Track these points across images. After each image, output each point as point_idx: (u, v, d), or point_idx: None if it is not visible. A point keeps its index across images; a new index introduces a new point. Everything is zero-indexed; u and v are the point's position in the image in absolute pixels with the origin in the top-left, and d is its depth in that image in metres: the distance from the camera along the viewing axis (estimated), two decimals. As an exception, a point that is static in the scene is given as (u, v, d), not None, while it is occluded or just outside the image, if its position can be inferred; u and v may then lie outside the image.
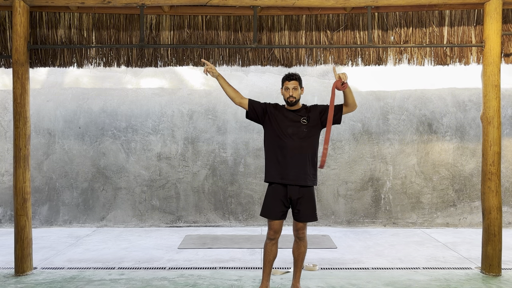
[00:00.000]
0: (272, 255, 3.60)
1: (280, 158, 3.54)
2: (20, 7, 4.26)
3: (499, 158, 4.23)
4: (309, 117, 3.61)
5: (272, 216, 3.53)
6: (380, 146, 6.47)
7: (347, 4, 4.34)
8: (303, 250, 3.63)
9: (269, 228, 3.58)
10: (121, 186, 6.47)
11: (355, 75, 6.50)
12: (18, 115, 4.28)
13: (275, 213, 3.52)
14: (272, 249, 3.59)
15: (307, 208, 3.53)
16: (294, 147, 3.52)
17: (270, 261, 3.61)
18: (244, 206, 6.48)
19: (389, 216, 6.44)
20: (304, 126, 3.57)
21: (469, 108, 6.47)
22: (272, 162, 3.59)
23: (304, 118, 3.59)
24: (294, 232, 3.61)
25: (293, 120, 3.59)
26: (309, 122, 3.59)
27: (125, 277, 4.16)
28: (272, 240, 3.58)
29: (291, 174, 3.50)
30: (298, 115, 3.62)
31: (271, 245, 3.59)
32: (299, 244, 3.62)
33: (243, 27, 4.64)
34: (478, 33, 4.54)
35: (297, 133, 3.55)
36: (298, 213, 3.53)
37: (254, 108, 3.72)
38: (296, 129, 3.56)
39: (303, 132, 3.56)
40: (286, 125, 3.58)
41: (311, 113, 3.64)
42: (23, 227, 4.28)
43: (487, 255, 4.25)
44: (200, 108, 6.50)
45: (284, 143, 3.54)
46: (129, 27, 4.63)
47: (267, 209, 3.56)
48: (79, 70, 6.33)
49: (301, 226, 3.57)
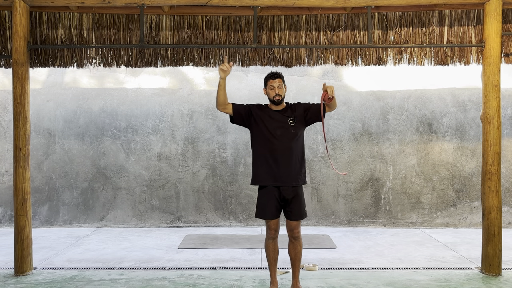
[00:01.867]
0: (276, 253, 3.67)
1: (270, 160, 3.55)
2: (20, 7, 4.25)
3: (499, 158, 4.23)
4: (295, 117, 3.61)
5: (269, 216, 3.57)
6: (380, 146, 6.47)
7: (347, 4, 4.33)
8: (299, 249, 3.65)
9: (268, 229, 3.61)
10: (121, 186, 6.47)
11: (355, 75, 6.51)
12: (18, 115, 4.28)
13: (271, 213, 3.56)
14: (275, 248, 3.66)
15: (298, 206, 3.57)
16: (284, 148, 3.54)
17: (275, 260, 3.67)
18: (244, 206, 6.48)
19: (389, 216, 6.44)
20: (291, 127, 3.58)
21: (469, 108, 6.47)
22: (263, 164, 3.59)
23: (291, 119, 3.60)
24: (288, 232, 3.63)
25: (280, 121, 3.59)
26: (295, 123, 3.60)
27: (125, 277, 4.16)
28: (273, 239, 3.63)
29: (283, 175, 3.53)
30: (285, 116, 3.61)
31: (273, 244, 3.64)
32: (295, 244, 3.64)
33: (243, 27, 4.64)
34: (478, 33, 4.54)
35: (285, 134, 3.56)
36: (290, 212, 3.57)
37: (239, 112, 3.67)
38: (285, 130, 3.56)
39: (291, 133, 3.57)
40: (274, 126, 3.57)
41: (296, 112, 3.63)
42: (23, 227, 4.28)
43: (487, 255, 4.25)
44: (200, 108, 6.50)
45: (274, 145, 3.55)
46: (129, 27, 4.63)
47: (263, 210, 3.59)
48: (79, 70, 6.33)
49: (295, 225, 3.59)
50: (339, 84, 6.49)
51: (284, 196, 3.55)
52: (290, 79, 6.52)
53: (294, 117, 3.61)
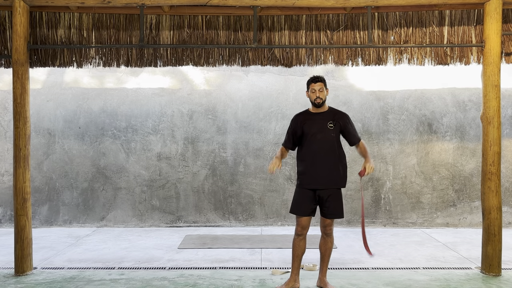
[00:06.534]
0: (300, 250, 3.73)
1: (309, 163, 3.66)
2: (20, 7, 4.25)
3: (499, 158, 4.23)
4: (335, 121, 3.71)
5: (301, 213, 3.67)
6: (380, 146, 6.47)
7: (347, 4, 4.33)
8: (330, 246, 3.77)
9: (297, 224, 3.70)
10: (121, 186, 6.47)
11: (355, 75, 6.51)
12: (18, 115, 4.28)
13: (304, 210, 3.66)
14: (300, 244, 3.72)
15: (335, 206, 3.65)
16: (323, 152, 3.64)
17: (298, 256, 3.73)
18: (244, 206, 6.48)
19: (389, 216, 6.44)
20: (331, 130, 3.68)
21: (469, 108, 6.47)
22: (303, 167, 3.70)
23: (331, 122, 3.70)
24: (321, 228, 3.74)
25: (320, 125, 3.69)
26: (335, 127, 3.70)
27: (125, 277, 4.16)
28: (300, 236, 3.70)
29: (321, 179, 3.62)
30: (325, 119, 3.71)
31: (299, 241, 3.71)
32: (326, 240, 3.75)
33: (243, 27, 4.64)
34: (478, 33, 4.54)
35: (325, 138, 3.66)
36: (326, 210, 3.66)
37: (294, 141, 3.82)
38: (324, 134, 3.67)
39: (331, 136, 3.67)
40: (314, 131, 3.69)
41: (337, 119, 3.73)
42: (23, 227, 4.28)
43: (487, 255, 4.24)
44: (200, 108, 6.50)
45: (314, 148, 3.66)
46: (129, 27, 4.63)
47: (296, 206, 3.69)
48: (79, 70, 6.33)
49: (329, 222, 3.70)
50: (339, 84, 6.49)
51: (319, 195, 3.65)
52: (290, 79, 6.52)
53: (335, 121, 3.71)
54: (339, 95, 6.48)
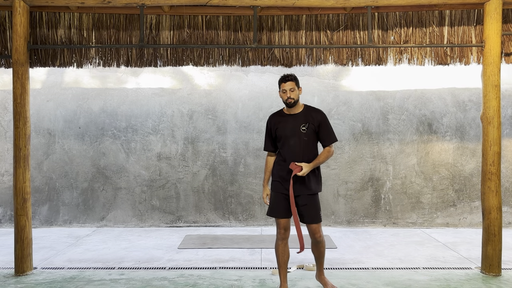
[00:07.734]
0: (286, 256, 3.63)
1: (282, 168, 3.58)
2: (20, 7, 4.25)
3: (499, 158, 4.23)
4: (308, 123, 3.56)
5: (279, 215, 3.58)
6: (380, 146, 6.47)
7: (347, 4, 4.34)
8: (322, 250, 3.68)
9: (278, 227, 3.62)
10: (121, 186, 6.47)
11: (355, 75, 6.51)
12: (18, 115, 4.28)
13: (282, 212, 3.57)
14: (285, 250, 3.62)
15: (310, 213, 3.56)
16: (296, 157, 3.53)
17: (285, 262, 3.64)
18: (244, 206, 6.48)
19: (389, 216, 6.44)
20: (303, 134, 3.55)
21: (469, 108, 6.47)
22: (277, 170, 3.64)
23: (304, 125, 3.55)
24: (311, 236, 3.64)
25: (292, 128, 3.57)
26: (308, 129, 3.56)
27: (125, 277, 4.16)
28: (283, 240, 3.61)
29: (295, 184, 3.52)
30: (297, 121, 3.58)
31: (283, 246, 3.62)
32: (317, 245, 3.66)
33: (243, 27, 4.64)
34: (478, 33, 4.54)
35: (298, 142, 3.55)
36: (303, 217, 3.58)
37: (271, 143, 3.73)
38: (297, 138, 3.55)
39: (304, 140, 3.55)
40: (287, 135, 3.57)
41: (310, 121, 3.57)
42: (23, 227, 4.28)
43: (487, 255, 4.25)
44: (200, 108, 6.50)
45: (287, 153, 3.56)
46: (129, 27, 4.63)
47: (273, 209, 3.61)
48: (79, 70, 6.33)
49: (315, 228, 3.58)
50: (339, 84, 6.49)
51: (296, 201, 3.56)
52: (290, 79, 6.51)
53: (308, 123, 3.56)
54: (339, 95, 6.48)
